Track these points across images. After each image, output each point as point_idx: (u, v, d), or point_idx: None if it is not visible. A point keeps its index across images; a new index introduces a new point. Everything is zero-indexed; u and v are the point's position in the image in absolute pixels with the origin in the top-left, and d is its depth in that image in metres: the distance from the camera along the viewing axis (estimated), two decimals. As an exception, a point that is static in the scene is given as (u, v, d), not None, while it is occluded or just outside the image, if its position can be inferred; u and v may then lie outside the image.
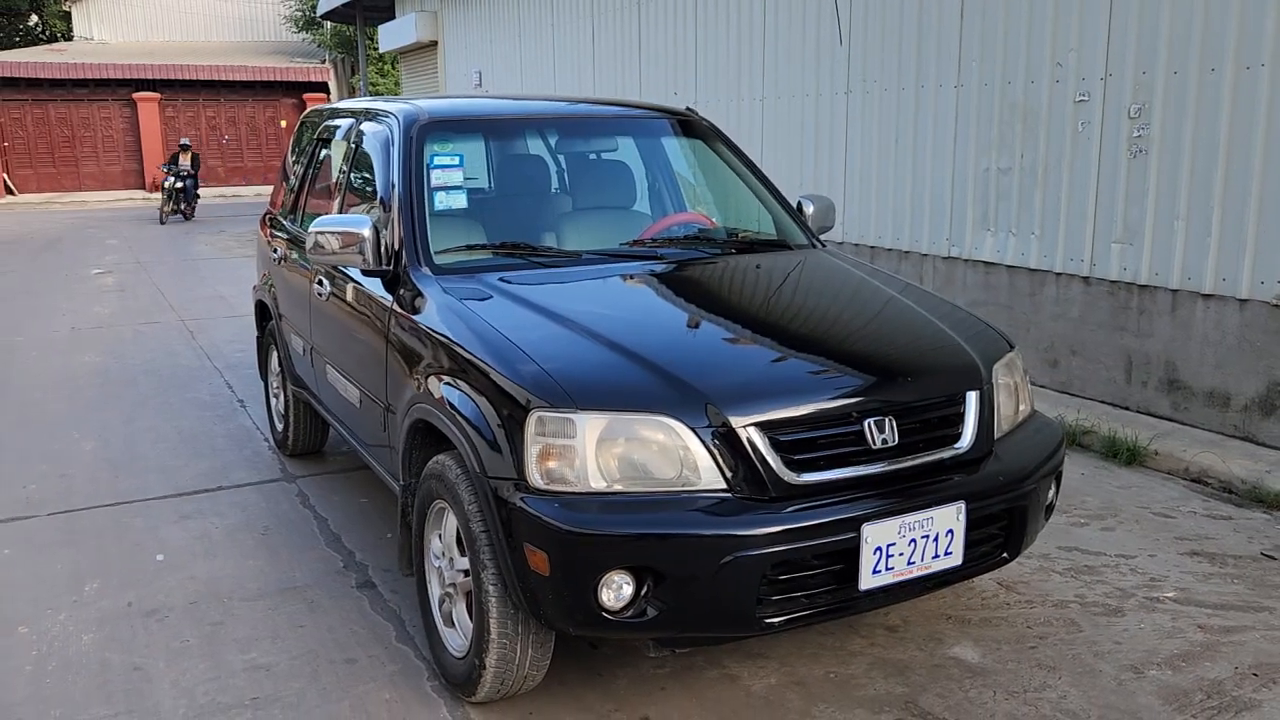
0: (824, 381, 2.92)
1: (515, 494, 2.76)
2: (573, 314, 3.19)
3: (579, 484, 2.72)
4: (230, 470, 5.42)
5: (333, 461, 5.53)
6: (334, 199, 4.58)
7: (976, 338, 3.31)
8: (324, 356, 4.44)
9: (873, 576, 2.77)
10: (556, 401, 2.75)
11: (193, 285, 11.64)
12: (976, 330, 3.39)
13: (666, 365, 2.87)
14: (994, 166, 6.43)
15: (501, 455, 2.82)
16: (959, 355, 3.16)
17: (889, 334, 3.28)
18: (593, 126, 4.44)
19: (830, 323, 3.33)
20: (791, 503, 2.73)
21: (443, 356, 3.19)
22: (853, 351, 3.12)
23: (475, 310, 3.24)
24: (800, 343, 3.13)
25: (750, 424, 2.74)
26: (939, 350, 3.18)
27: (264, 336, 5.84)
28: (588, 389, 2.78)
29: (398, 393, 3.52)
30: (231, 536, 4.54)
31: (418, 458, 3.46)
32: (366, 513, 4.77)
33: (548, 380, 2.80)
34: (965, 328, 3.37)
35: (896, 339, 3.24)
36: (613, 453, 2.73)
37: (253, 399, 6.77)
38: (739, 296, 3.52)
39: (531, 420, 2.75)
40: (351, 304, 4.02)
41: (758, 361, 2.95)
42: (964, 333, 3.31)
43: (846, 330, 3.28)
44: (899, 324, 3.34)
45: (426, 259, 3.62)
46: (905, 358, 3.13)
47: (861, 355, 3.11)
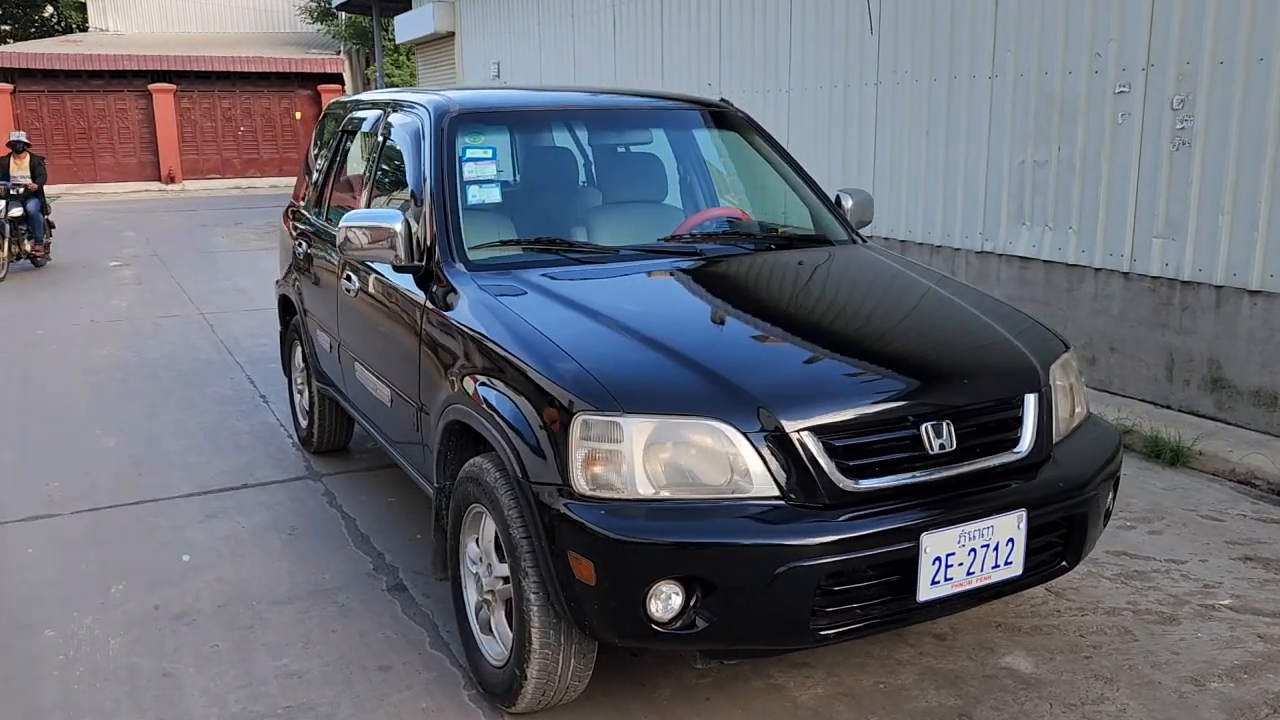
0: (878, 384, 2.81)
1: (559, 500, 2.67)
2: (614, 312, 3.09)
3: (626, 490, 2.62)
4: (255, 468, 5.34)
5: (358, 459, 5.45)
6: (361, 192, 4.48)
7: (1031, 337, 3.20)
8: (352, 353, 4.35)
9: (931, 588, 2.67)
10: (602, 405, 2.65)
11: (211, 278, 11.59)
12: (1030, 329, 3.28)
13: (715, 366, 2.76)
14: (1030, 159, 6.29)
15: (544, 460, 2.73)
16: (1016, 356, 3.05)
17: (943, 334, 3.17)
18: (627, 118, 4.33)
19: (881, 322, 3.22)
20: (846, 510, 2.63)
21: (480, 356, 3.10)
22: (907, 352, 3.01)
23: (512, 308, 3.14)
24: (851, 343, 3.02)
25: (804, 428, 2.64)
26: (995, 351, 3.07)
27: (287, 332, 5.76)
28: (634, 392, 2.68)
29: (431, 392, 3.42)
30: (259, 537, 4.46)
31: (453, 459, 3.37)
32: (395, 513, 4.69)
33: (592, 382, 2.70)
34: (1019, 327, 3.25)
35: (951, 339, 3.13)
36: (660, 458, 2.63)
37: (275, 394, 6.70)
38: (784, 294, 3.41)
39: (576, 424, 2.66)
40: (382, 300, 3.92)
41: (809, 363, 2.84)
42: (1018, 332, 3.20)
43: (899, 330, 3.16)
44: (952, 323, 3.23)
45: (460, 254, 3.52)
46: (961, 359, 3.02)
47: (916, 356, 3.00)
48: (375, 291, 3.99)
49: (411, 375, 3.59)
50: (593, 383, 2.70)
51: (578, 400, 2.67)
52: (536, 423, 2.77)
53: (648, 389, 2.70)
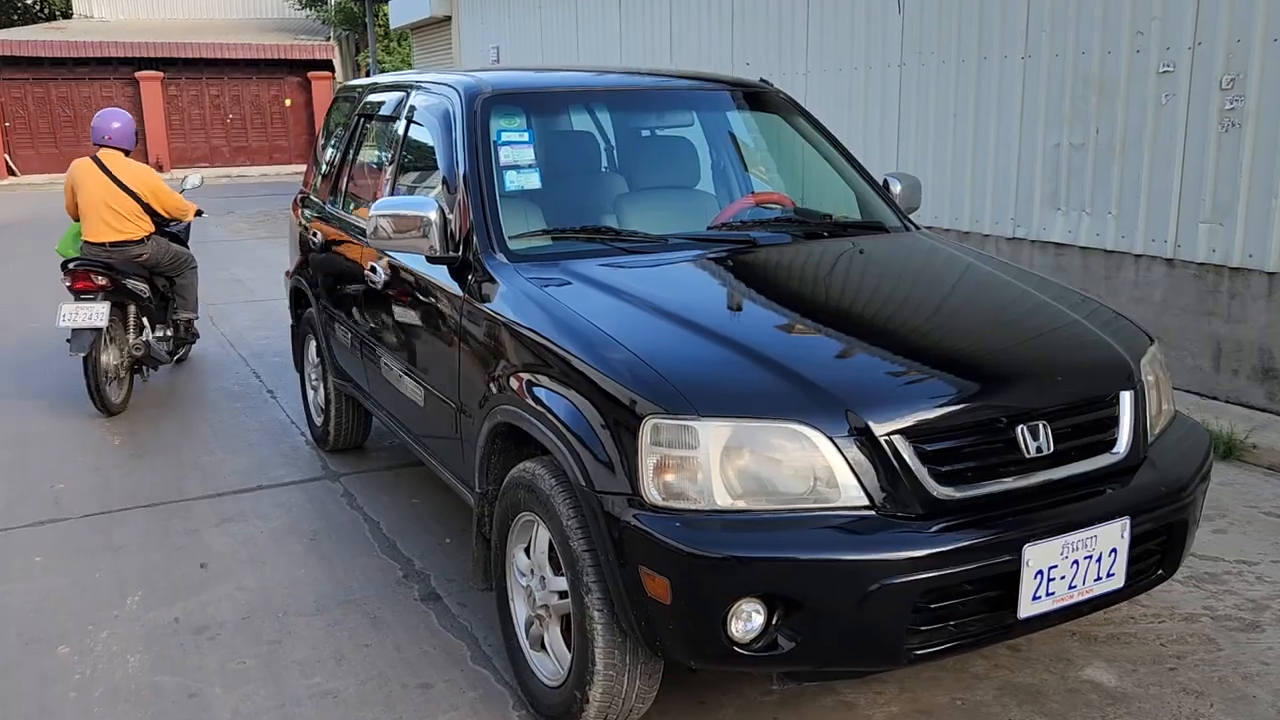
0: (969, 383, 2.60)
1: (628, 511, 2.45)
2: (673, 305, 2.88)
3: (702, 500, 2.41)
4: (269, 467, 5.12)
5: (376, 457, 5.23)
6: (383, 180, 4.25)
7: (1117, 331, 3.00)
8: (377, 349, 4.12)
9: (1032, 603, 2.47)
10: (674, 407, 2.43)
11: (207, 268, 11.20)
12: (1114, 322, 3.08)
13: (793, 365, 2.55)
14: (1065, 142, 6.09)
15: (609, 467, 2.51)
16: (1108, 351, 2.84)
17: (1030, 329, 2.96)
18: (667, 100, 4.10)
19: (962, 316, 3.00)
20: (940, 520, 2.43)
21: (529, 353, 2.88)
22: (996, 349, 2.80)
23: (564, 301, 2.92)
24: (936, 339, 2.81)
25: (894, 431, 2.43)
26: (1087, 346, 2.86)
27: (300, 325, 5.52)
28: (709, 393, 2.47)
29: (473, 392, 3.21)
30: (278, 542, 4.24)
31: (498, 463, 3.16)
32: (420, 515, 4.47)
33: (662, 383, 2.49)
34: (1102, 319, 3.05)
35: (1040, 334, 2.92)
36: (738, 465, 2.42)
37: (282, 389, 6.46)
38: (851, 285, 3.20)
39: (646, 428, 2.44)
40: (413, 293, 3.70)
41: (894, 361, 2.63)
42: (1103, 325, 3.00)
43: (983, 324, 2.95)
44: (1038, 317, 3.02)
45: (500, 244, 3.30)
46: (1053, 355, 2.81)
47: (1006, 353, 2.79)
48: (405, 284, 3.76)
49: (449, 373, 3.37)
50: (663, 383, 2.49)
51: (647, 402, 2.46)
52: (599, 426, 2.56)
53: (723, 389, 2.49)
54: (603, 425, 2.55)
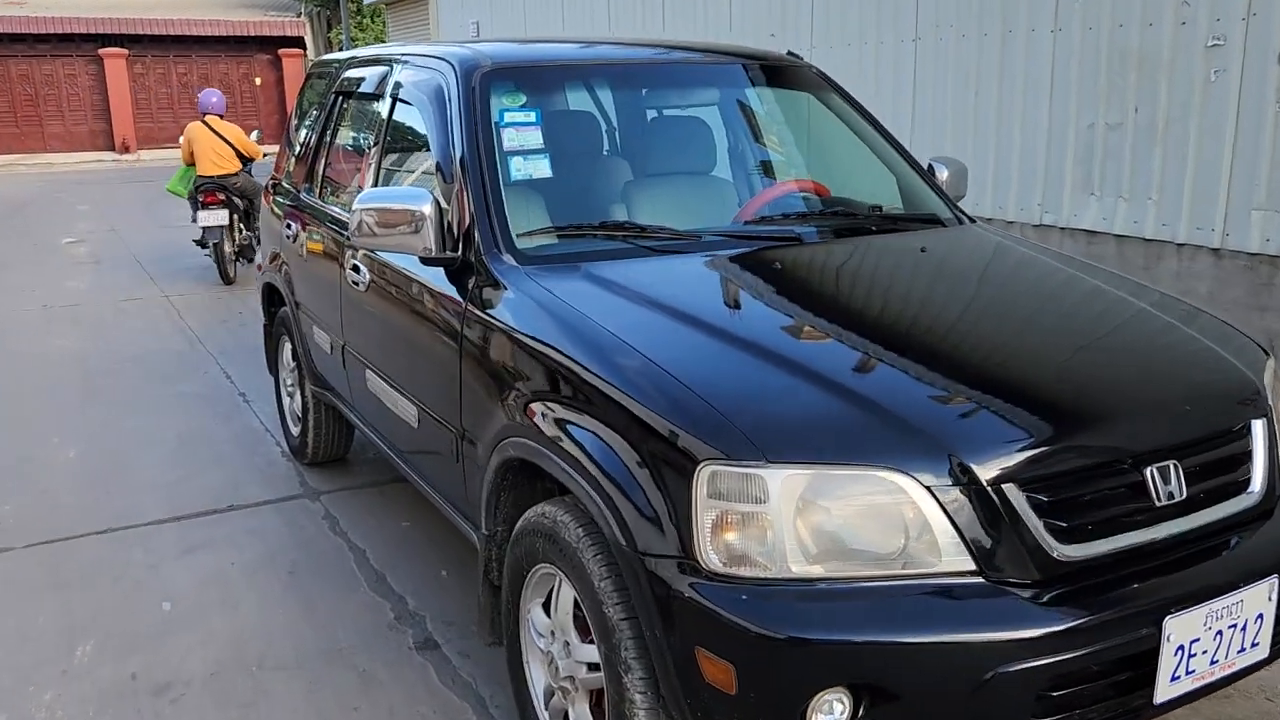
0: (1089, 417, 2.15)
1: (681, 579, 2.00)
2: (722, 319, 2.43)
3: (773, 566, 1.96)
4: (241, 485, 4.63)
5: (360, 471, 4.75)
6: (365, 168, 3.76)
7: (1234, 346, 2.57)
8: (362, 359, 3.65)
9: (1170, 685, 2.04)
10: (736, 451, 1.98)
11: (174, 255, 10.74)
12: (1228, 335, 2.64)
13: (878, 396, 2.10)
14: (1100, 122, 5.66)
15: (656, 523, 2.06)
16: (1233, 372, 2.41)
17: (1142, 348, 2.52)
18: (689, 75, 3.62)
19: (1064, 332, 2.55)
20: (1060, 585, 1.99)
21: (550, 377, 2.42)
22: (1113, 374, 2.35)
23: (588, 314, 2.46)
24: (1042, 362, 2.36)
25: (1004, 477, 1.99)
26: (1210, 367, 2.43)
27: (274, 325, 5.02)
28: (779, 433, 2.02)
29: (479, 417, 2.74)
30: (252, 577, 3.76)
31: (508, 502, 2.70)
32: (412, 541, 4.01)
33: (720, 420, 2.03)
34: (1216, 333, 2.62)
35: (1155, 354, 2.48)
36: (815, 521, 1.98)
37: (256, 392, 5.96)
38: (923, 293, 2.74)
39: (703, 477, 1.99)
40: (404, 298, 3.22)
41: (997, 390, 2.18)
42: (1220, 340, 2.57)
43: (1089, 343, 2.50)
44: (1146, 333, 2.59)
45: (507, 244, 2.83)
46: (1175, 380, 2.37)
47: (1124, 379, 2.33)
48: (394, 287, 3.29)
49: (449, 393, 2.90)
50: (721, 420, 2.03)
51: (702, 444, 2.01)
52: (641, 471, 2.11)
53: (796, 429, 2.04)
54: (645, 470, 2.10)
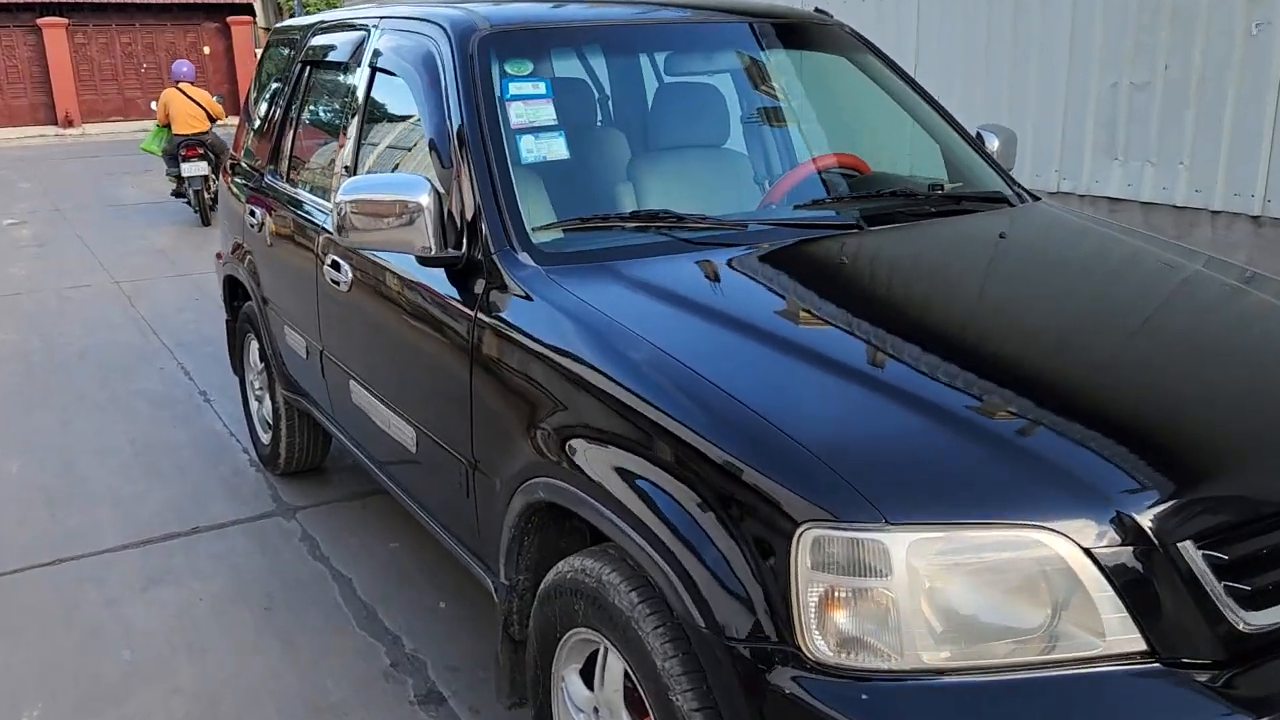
0: (1270, 453, 1.76)
1: (782, 671, 1.60)
2: (802, 336, 2.01)
3: (899, 655, 1.56)
4: (206, 500, 4.17)
5: (339, 482, 4.30)
6: (342, 151, 3.29)
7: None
8: (344, 369, 3.19)
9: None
10: (848, 510, 1.57)
11: (124, 238, 10.12)
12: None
13: (1017, 437, 1.69)
14: (1126, 81, 5.27)
15: (743, 597, 1.65)
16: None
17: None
18: (715, 36, 3.15)
19: (1215, 345, 2.12)
20: (1246, 664, 1.60)
21: (593, 407, 1.99)
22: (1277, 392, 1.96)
23: (635, 330, 2.03)
24: (1200, 384, 1.94)
25: (1179, 533, 1.59)
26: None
27: (238, 321, 4.54)
28: (901, 485, 1.61)
29: (496, 448, 2.31)
30: (223, 615, 3.32)
31: (532, 545, 2.28)
32: (402, 566, 3.57)
33: (824, 470, 1.62)
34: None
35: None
36: (946, 594, 1.58)
37: (218, 390, 5.47)
38: (1029, 295, 2.29)
39: (804, 544, 1.58)
40: (396, 302, 2.77)
41: (1158, 423, 1.78)
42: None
43: (1250, 358, 2.09)
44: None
45: (522, 239, 2.39)
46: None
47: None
48: (385, 289, 2.83)
49: (457, 417, 2.46)
50: (825, 471, 1.62)
51: (803, 502, 1.59)
52: (721, 533, 1.69)
53: (921, 479, 1.62)
54: (726, 532, 1.68)
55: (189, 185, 10.56)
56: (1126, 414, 1.77)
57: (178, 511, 4.07)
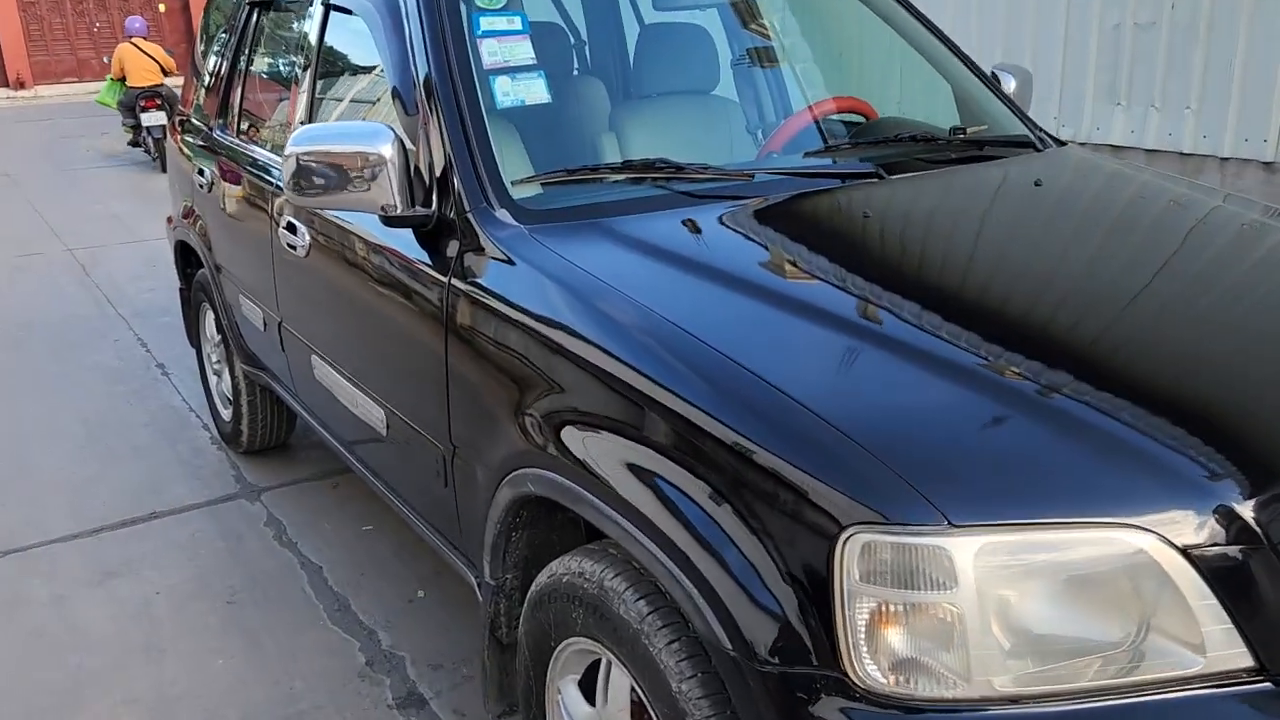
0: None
1: (827, 702, 1.35)
2: (831, 302, 1.74)
3: (964, 682, 1.32)
4: (164, 483, 3.88)
5: (305, 460, 4.02)
6: (295, 98, 2.98)
7: None
8: (305, 342, 2.91)
9: None
10: (901, 509, 1.32)
11: (77, 202, 9.68)
12: None
13: (1093, 417, 1.44)
14: (1129, 22, 5.01)
15: (776, 613, 1.40)
16: None
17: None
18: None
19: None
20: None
21: (593, 390, 1.72)
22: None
23: (637, 298, 1.76)
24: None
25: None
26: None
27: (192, 290, 4.22)
28: (963, 479, 1.36)
29: (477, 432, 2.04)
30: (183, 611, 3.05)
31: (521, 541, 2.02)
32: (376, 552, 3.31)
33: (872, 463, 1.36)
34: None
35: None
36: (1022, 609, 1.33)
37: (177, 363, 5.15)
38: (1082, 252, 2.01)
39: (850, 551, 1.33)
40: (359, 269, 2.48)
41: (1258, 398, 1.53)
42: None
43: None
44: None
45: (500, 195, 2.11)
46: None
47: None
48: (344, 253, 2.54)
49: (431, 397, 2.19)
50: (873, 463, 1.36)
51: (848, 501, 1.34)
52: (749, 537, 1.43)
53: (986, 471, 1.37)
54: (755, 537, 1.43)
55: (149, 134, 10.98)
56: (1223, 388, 1.52)
57: (133, 495, 3.78)
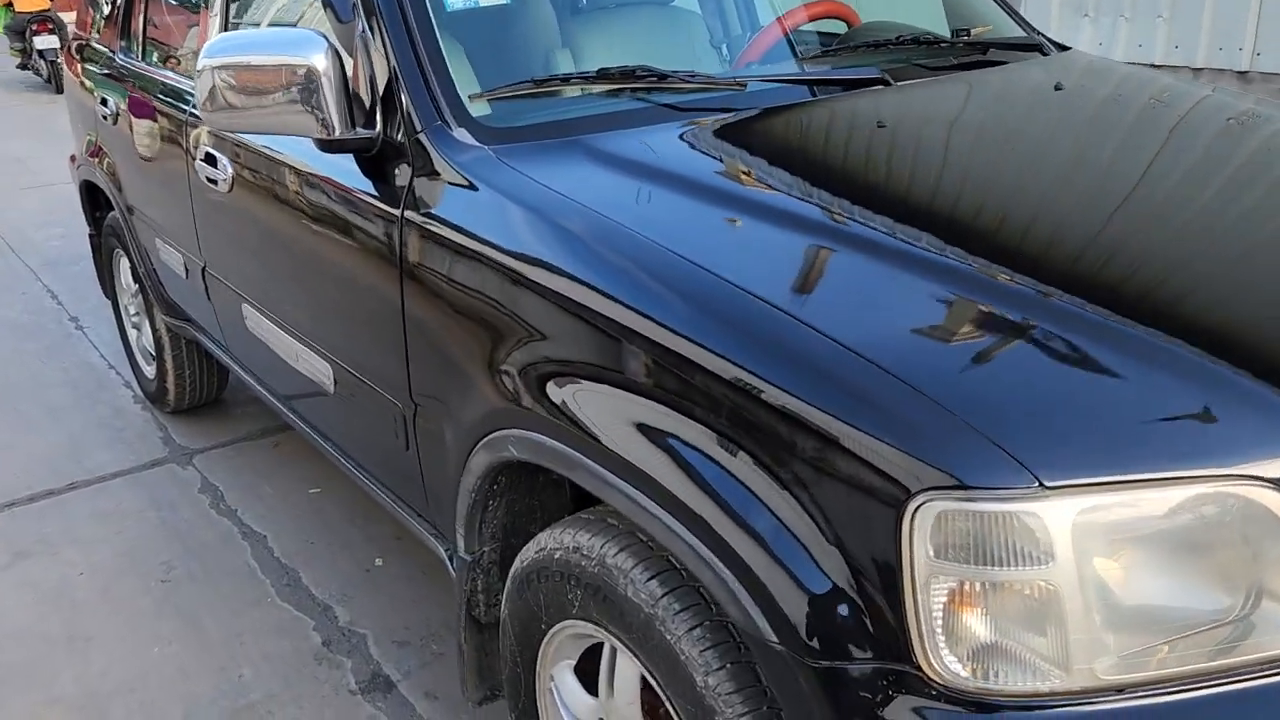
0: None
1: (899, 704, 1.13)
2: (858, 223, 1.49)
3: (1062, 672, 1.10)
4: (83, 448, 3.54)
5: (241, 416, 3.71)
6: (208, 9, 2.62)
7: None
8: (234, 290, 2.59)
9: None
10: (981, 472, 1.09)
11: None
12: None
13: (1187, 351, 1.21)
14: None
15: (831, 597, 1.17)
16: None
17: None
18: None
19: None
20: None
21: (584, 337, 1.46)
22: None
23: (629, 226, 1.49)
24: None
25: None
26: None
27: (103, 236, 3.84)
28: (1051, 432, 1.12)
29: (444, 388, 1.77)
30: (110, 593, 2.75)
31: (499, 509, 1.77)
32: (325, 516, 3.04)
33: (939, 416, 1.13)
34: None
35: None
36: (1127, 582, 1.12)
37: (92, 315, 4.76)
38: (1125, 162, 1.76)
39: (921, 522, 1.10)
40: (293, 203, 2.17)
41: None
42: None
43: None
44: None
45: (456, 111, 1.81)
46: None
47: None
48: (276, 186, 2.22)
49: (387, 349, 1.91)
50: (942, 417, 1.12)
51: (916, 463, 1.10)
52: (793, 508, 1.19)
53: (1075, 422, 1.14)
54: (801, 508, 1.19)
55: (42, 57, 11.42)
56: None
57: (50, 465, 3.44)
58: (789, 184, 1.62)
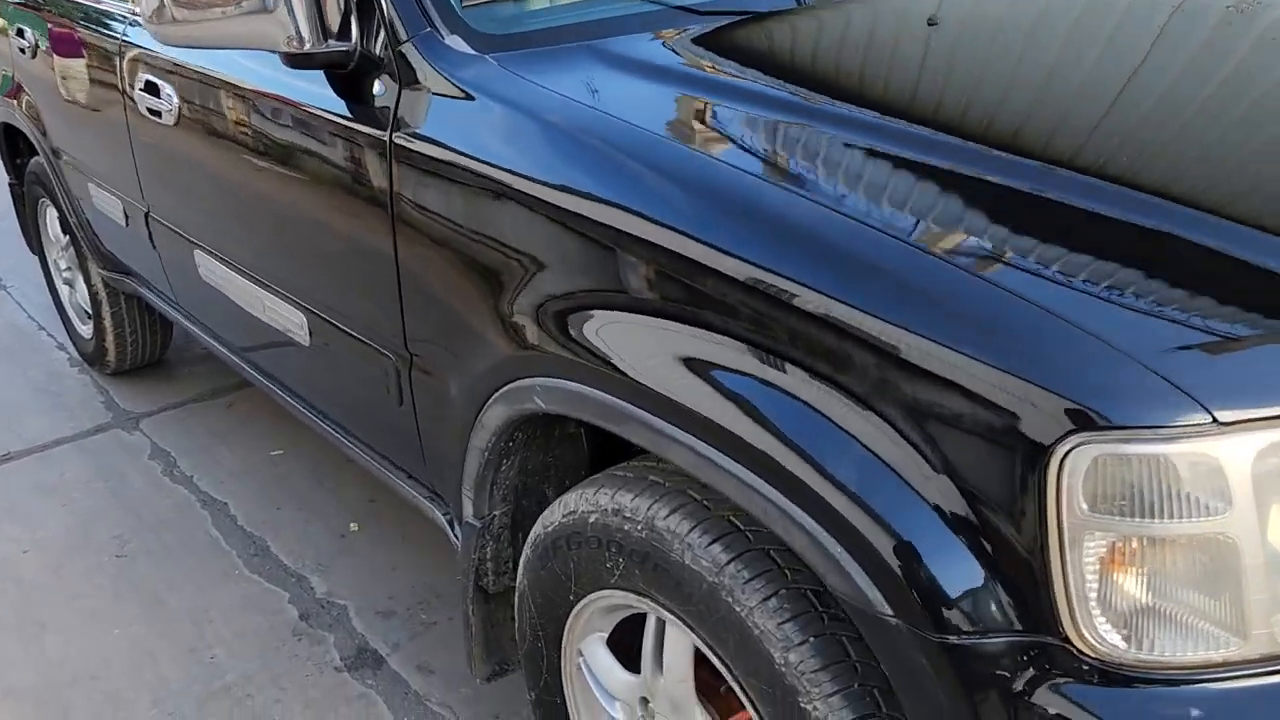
0: None
1: (1042, 681, 0.96)
2: (949, 134, 1.29)
3: (1239, 638, 0.94)
4: (18, 415, 3.25)
5: (191, 377, 3.44)
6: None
7: None
8: (185, 236, 2.32)
9: None
10: (1143, 409, 0.91)
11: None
12: None
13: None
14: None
15: (963, 567, 0.99)
16: None
17: None
18: None
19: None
20: None
21: (627, 265, 1.25)
22: None
23: (669, 138, 1.29)
24: None
25: None
26: None
27: (26, 186, 3.51)
28: (1218, 360, 0.95)
29: (446, 334, 1.56)
30: (61, 571, 2.51)
31: (512, 468, 1.57)
32: (290, 480, 2.81)
33: (1087, 345, 0.94)
34: None
35: None
36: None
37: (17, 273, 4.40)
38: (1221, 49, 1.61)
39: (1072, 471, 0.93)
40: (258, 133, 1.91)
41: None
42: None
43: None
44: None
45: (447, 16, 1.58)
46: None
47: None
48: (232, 114, 1.96)
49: (376, 293, 1.68)
50: (1091, 346, 0.94)
51: (1063, 401, 0.92)
52: (908, 456, 1.01)
53: (1246, 344, 0.97)
54: (922, 458, 1.00)
55: None
56: None
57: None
58: (856, 89, 1.41)
